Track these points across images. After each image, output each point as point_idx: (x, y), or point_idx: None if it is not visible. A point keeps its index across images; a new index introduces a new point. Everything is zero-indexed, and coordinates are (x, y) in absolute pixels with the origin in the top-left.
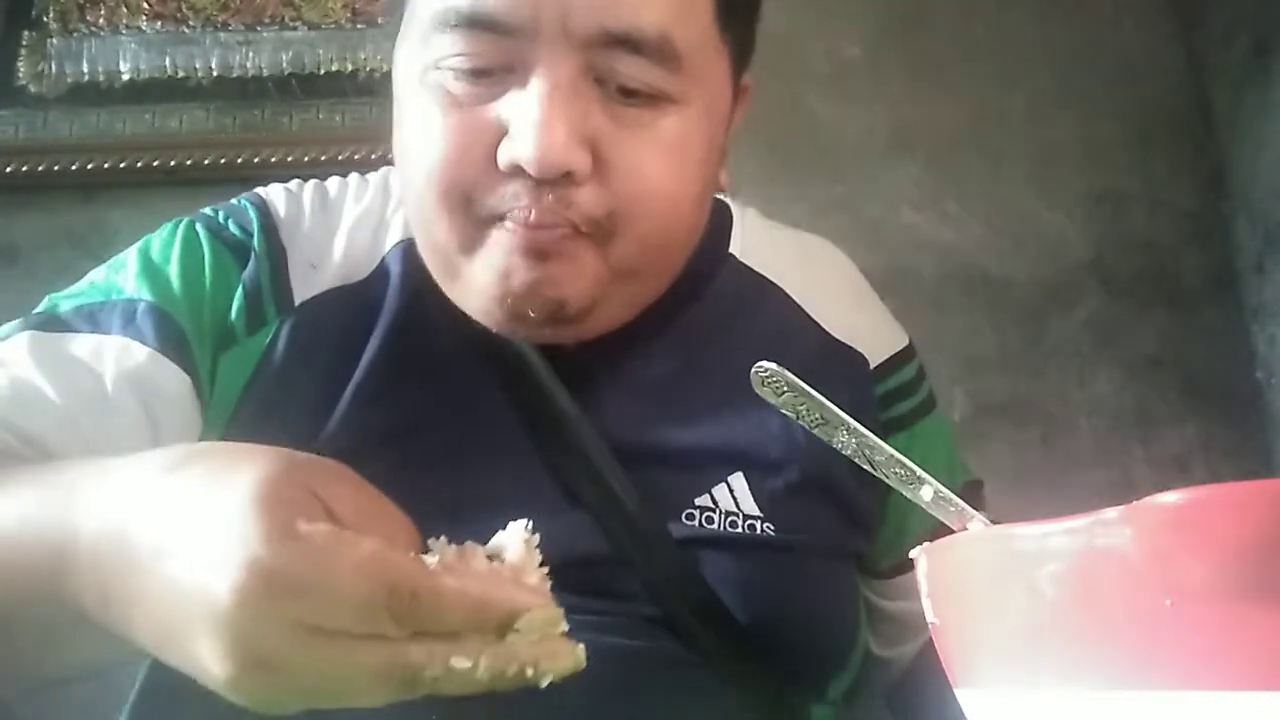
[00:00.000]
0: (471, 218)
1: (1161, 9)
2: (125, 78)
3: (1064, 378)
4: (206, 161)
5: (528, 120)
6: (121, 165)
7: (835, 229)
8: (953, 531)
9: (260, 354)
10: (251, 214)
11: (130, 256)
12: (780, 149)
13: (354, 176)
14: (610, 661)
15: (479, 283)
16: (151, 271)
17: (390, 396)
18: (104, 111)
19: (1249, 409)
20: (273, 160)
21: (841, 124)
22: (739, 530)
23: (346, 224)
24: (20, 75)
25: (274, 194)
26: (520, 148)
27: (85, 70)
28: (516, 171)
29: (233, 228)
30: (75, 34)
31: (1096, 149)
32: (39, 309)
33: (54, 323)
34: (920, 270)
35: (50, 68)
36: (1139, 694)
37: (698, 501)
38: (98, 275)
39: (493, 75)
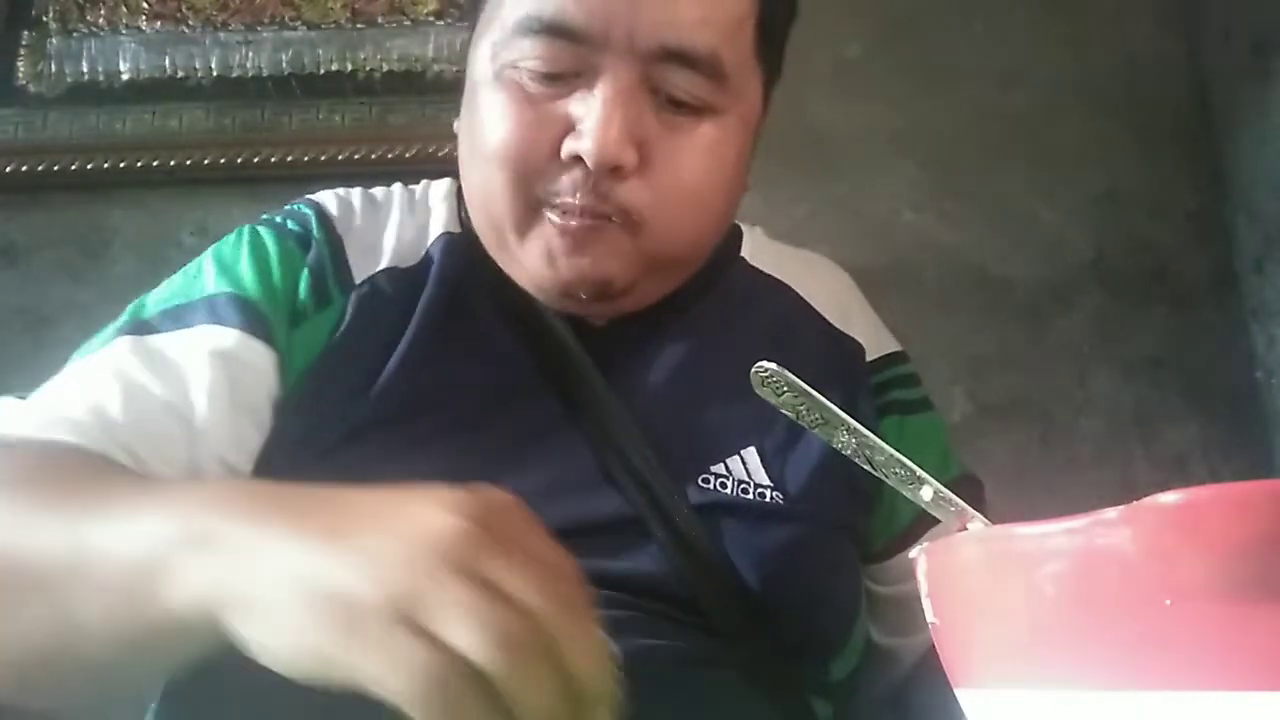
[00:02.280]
0: (529, 199)
1: (1161, 8)
2: (125, 78)
3: (1064, 378)
4: (206, 161)
5: (591, 119)
6: (121, 165)
7: (835, 229)
8: (953, 531)
9: (330, 327)
10: (308, 212)
11: (205, 261)
12: (781, 149)
13: (398, 186)
14: (624, 661)
15: (529, 263)
16: (225, 269)
17: (432, 366)
18: (104, 111)
19: (1249, 409)
20: (273, 160)
21: (841, 124)
22: (750, 497)
23: (394, 221)
24: (20, 75)
25: (325, 198)
26: (584, 143)
27: (85, 70)
28: (575, 161)
29: (291, 225)
30: (75, 34)
31: (1096, 149)
32: (127, 314)
33: (145, 326)
34: (920, 270)
35: (50, 68)
36: (1139, 694)
37: (712, 469)
38: (175, 281)
39: (563, 78)
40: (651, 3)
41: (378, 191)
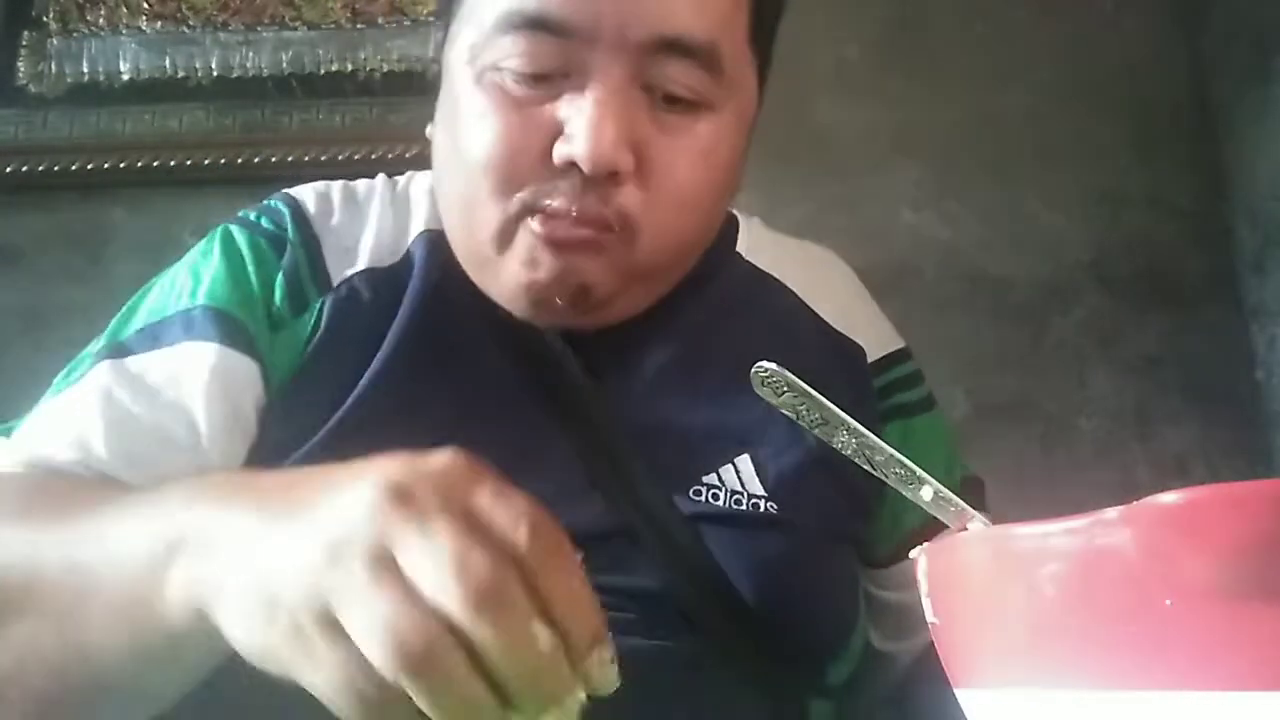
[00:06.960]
0: (513, 208)
1: (1162, 8)
2: (125, 78)
3: (1064, 378)
4: (206, 161)
5: (584, 121)
6: (121, 165)
7: (836, 229)
8: (953, 531)
9: (308, 332)
10: (284, 210)
11: (178, 273)
12: (781, 149)
13: (381, 178)
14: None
15: (508, 271)
16: (199, 280)
17: (413, 373)
18: (104, 111)
19: (1249, 409)
20: (273, 160)
21: (842, 124)
22: (744, 508)
23: (373, 218)
24: (20, 75)
25: (303, 193)
26: (576, 147)
27: (85, 70)
28: (569, 168)
29: (266, 223)
30: (75, 34)
31: (1096, 149)
32: (102, 340)
33: (122, 349)
34: (920, 270)
35: (50, 68)
36: (1139, 694)
37: (705, 480)
38: (150, 299)
39: (550, 79)
40: None
41: (359, 185)
